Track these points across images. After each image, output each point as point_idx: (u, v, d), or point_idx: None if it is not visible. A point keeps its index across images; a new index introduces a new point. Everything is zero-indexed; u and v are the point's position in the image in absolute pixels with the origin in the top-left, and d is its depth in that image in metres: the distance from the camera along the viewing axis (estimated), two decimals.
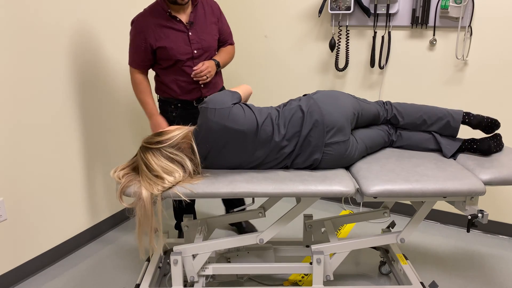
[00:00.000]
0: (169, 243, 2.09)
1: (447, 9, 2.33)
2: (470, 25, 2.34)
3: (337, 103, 1.64)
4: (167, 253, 2.10)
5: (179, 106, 2.12)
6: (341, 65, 2.75)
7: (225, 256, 1.95)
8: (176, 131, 1.61)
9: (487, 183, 1.56)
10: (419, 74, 2.56)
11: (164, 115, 2.13)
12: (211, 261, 1.83)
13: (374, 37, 2.60)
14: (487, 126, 1.77)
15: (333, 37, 2.68)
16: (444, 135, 1.81)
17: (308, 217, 2.06)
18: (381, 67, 2.64)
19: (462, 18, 2.33)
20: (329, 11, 2.57)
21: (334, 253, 1.74)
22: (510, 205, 2.48)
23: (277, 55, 2.94)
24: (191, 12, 2.02)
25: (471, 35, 2.36)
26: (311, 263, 1.74)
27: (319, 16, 2.71)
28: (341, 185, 1.52)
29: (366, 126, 1.81)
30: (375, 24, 2.57)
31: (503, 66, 2.32)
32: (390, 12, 2.50)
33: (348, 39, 2.67)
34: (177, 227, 2.50)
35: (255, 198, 1.99)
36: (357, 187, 1.55)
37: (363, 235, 2.53)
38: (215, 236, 2.47)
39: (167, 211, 2.87)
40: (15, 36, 1.94)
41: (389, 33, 2.56)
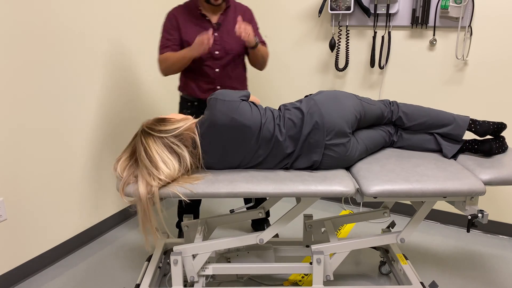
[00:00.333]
0: (169, 243, 2.10)
1: (447, 9, 2.33)
2: (470, 25, 2.34)
3: (338, 105, 1.63)
4: (167, 253, 2.10)
5: (195, 104, 2.17)
6: (341, 65, 2.75)
7: (225, 256, 1.95)
8: (181, 122, 1.61)
9: (487, 183, 1.56)
10: (419, 74, 2.56)
11: (181, 112, 2.19)
12: (211, 261, 1.82)
13: (374, 37, 2.60)
14: (494, 132, 1.74)
15: (333, 37, 2.68)
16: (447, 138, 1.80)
17: (308, 217, 2.06)
18: (381, 67, 2.64)
19: (462, 18, 2.33)
20: (329, 11, 2.57)
21: (334, 253, 1.74)
22: (510, 205, 2.48)
23: (277, 55, 2.94)
24: (221, 14, 2.08)
25: (471, 35, 2.36)
26: (311, 263, 1.74)
27: (319, 16, 2.71)
28: (341, 185, 1.52)
29: (368, 126, 1.80)
30: (375, 24, 2.57)
31: (503, 66, 2.32)
32: (390, 12, 2.50)
33: (348, 39, 2.67)
34: (178, 226, 2.50)
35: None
36: (357, 187, 1.55)
37: (363, 235, 2.53)
38: (215, 236, 2.47)
39: (170, 209, 2.88)
40: (19, 37, 1.95)
41: (389, 33, 2.56)
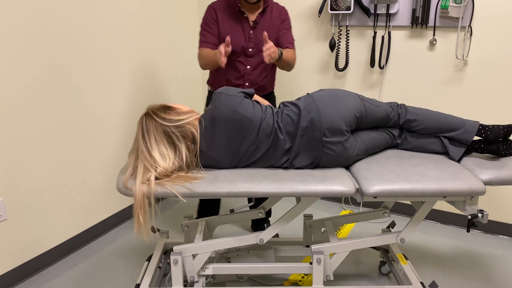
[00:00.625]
0: (169, 243, 2.10)
1: (447, 9, 2.33)
2: (470, 25, 2.34)
3: (337, 103, 1.64)
4: (167, 253, 2.10)
5: None
6: (341, 65, 2.75)
7: (225, 256, 1.95)
8: (186, 114, 1.64)
9: (487, 183, 1.56)
10: (419, 74, 2.56)
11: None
12: (211, 261, 1.82)
13: (374, 37, 2.60)
14: (504, 137, 1.70)
15: (333, 37, 2.68)
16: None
17: (308, 217, 2.06)
18: (381, 67, 2.64)
19: (462, 18, 2.33)
20: (329, 11, 2.57)
21: (334, 253, 1.74)
22: (510, 205, 2.48)
23: None
24: (259, 12, 2.14)
25: (471, 35, 2.36)
26: (311, 263, 1.74)
27: (319, 16, 2.71)
28: (341, 185, 1.52)
29: (371, 127, 1.78)
30: (375, 24, 2.57)
31: (503, 66, 2.32)
32: (390, 12, 2.50)
33: (348, 39, 2.67)
34: None
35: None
36: (357, 187, 1.55)
37: (363, 235, 2.53)
38: (215, 236, 2.47)
39: (169, 210, 2.88)
40: (19, 38, 1.95)
41: (389, 33, 2.56)
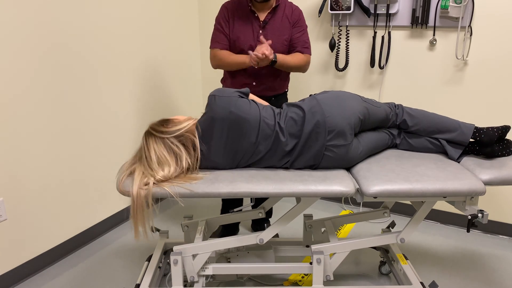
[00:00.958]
0: (169, 243, 2.10)
1: (447, 9, 2.33)
2: (470, 25, 2.34)
3: (342, 105, 1.63)
4: (167, 253, 2.10)
5: None
6: (341, 65, 2.75)
7: (225, 256, 1.95)
8: (184, 123, 1.65)
9: (487, 183, 1.56)
10: (419, 74, 2.56)
11: None
12: (211, 261, 1.82)
13: (374, 37, 2.60)
14: (499, 138, 1.71)
15: (333, 37, 2.68)
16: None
17: (308, 217, 2.06)
18: (381, 67, 2.64)
19: (462, 18, 2.33)
20: (329, 11, 2.57)
21: (334, 253, 1.74)
22: (510, 205, 2.48)
23: None
24: (269, 12, 2.11)
25: (471, 35, 2.36)
26: (311, 263, 1.74)
27: (319, 16, 2.71)
28: (341, 185, 1.52)
29: (372, 128, 1.79)
30: (375, 24, 2.57)
31: (503, 66, 2.32)
32: (390, 12, 2.50)
33: (348, 39, 2.67)
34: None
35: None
36: (357, 187, 1.55)
37: (363, 235, 2.53)
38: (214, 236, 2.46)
39: (168, 211, 2.88)
40: (24, 38, 1.95)
41: (389, 33, 2.56)
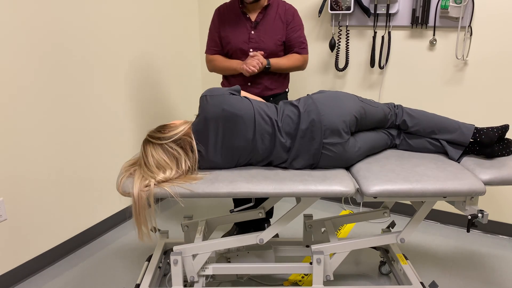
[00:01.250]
0: (169, 243, 2.10)
1: (447, 9, 2.33)
2: (470, 25, 2.34)
3: (337, 105, 1.63)
4: (167, 253, 2.10)
5: None
6: (341, 65, 2.75)
7: (225, 256, 1.95)
8: (180, 127, 1.66)
9: (487, 183, 1.56)
10: (419, 74, 2.56)
11: None
12: (211, 261, 1.82)
13: (374, 37, 2.60)
14: (499, 138, 1.71)
15: (333, 37, 2.68)
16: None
17: (308, 217, 2.06)
18: (381, 67, 2.64)
19: (462, 18, 2.33)
20: (329, 11, 2.57)
21: (334, 253, 1.74)
22: (510, 205, 2.48)
23: None
24: (260, 12, 2.08)
25: (471, 35, 2.36)
26: (311, 263, 1.74)
27: (319, 16, 2.71)
28: (341, 185, 1.52)
29: (370, 128, 1.79)
30: (375, 24, 2.57)
31: (503, 66, 2.32)
32: (390, 12, 2.50)
33: (348, 39, 2.67)
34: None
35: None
36: (357, 187, 1.55)
37: (363, 235, 2.53)
38: (215, 236, 2.47)
39: (168, 211, 2.88)
40: (22, 38, 1.95)
41: (389, 33, 2.56)
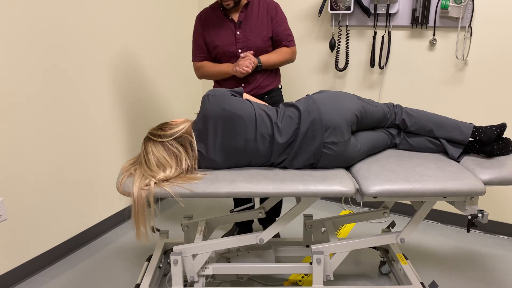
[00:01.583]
0: (169, 243, 2.10)
1: (447, 9, 2.33)
2: (470, 25, 2.34)
3: (338, 104, 1.64)
4: (167, 253, 2.10)
5: None
6: (341, 65, 2.75)
7: (225, 256, 1.95)
8: (181, 125, 1.67)
9: (487, 183, 1.56)
10: (419, 74, 2.56)
11: None
12: (211, 261, 1.82)
13: (374, 37, 2.60)
14: (498, 136, 1.71)
15: (333, 37, 2.68)
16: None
17: (308, 217, 2.06)
18: (381, 67, 2.64)
19: (462, 18, 2.33)
20: (329, 11, 2.57)
21: (334, 253, 1.74)
22: (510, 205, 2.48)
23: None
24: (241, 11, 2.06)
25: (471, 35, 2.36)
26: (311, 263, 1.74)
27: (319, 16, 2.71)
28: (341, 185, 1.52)
29: (370, 128, 1.79)
30: (375, 24, 2.57)
31: (503, 66, 2.32)
32: (390, 12, 2.50)
33: (348, 39, 2.67)
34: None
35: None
36: (357, 187, 1.55)
37: (363, 235, 2.53)
38: (215, 236, 2.47)
39: (168, 211, 2.88)
40: (24, 38, 1.95)
41: (389, 33, 2.56)
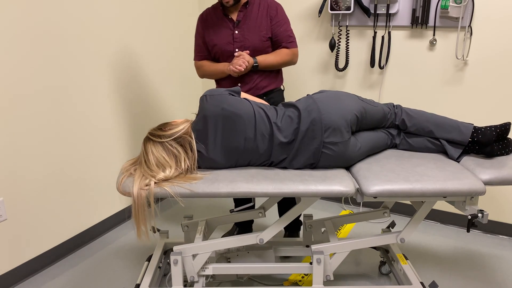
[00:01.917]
0: (169, 243, 2.10)
1: (447, 9, 2.33)
2: (470, 25, 2.34)
3: (338, 104, 1.64)
4: (167, 253, 2.10)
5: None
6: (341, 65, 2.75)
7: (225, 256, 1.95)
8: (180, 126, 1.67)
9: (487, 183, 1.56)
10: (419, 74, 2.56)
11: None
12: (211, 261, 1.82)
13: (374, 37, 2.60)
14: (498, 137, 1.70)
15: (333, 37, 2.68)
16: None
17: (308, 217, 2.06)
18: (381, 67, 2.64)
19: (462, 18, 2.33)
20: (329, 11, 2.57)
21: (334, 253, 1.74)
22: (510, 205, 2.48)
23: None
24: (240, 11, 2.06)
25: (471, 35, 2.36)
26: (311, 263, 1.74)
27: (319, 16, 2.71)
28: (341, 185, 1.52)
29: (370, 128, 1.79)
30: (375, 24, 2.57)
31: (503, 66, 2.32)
32: (390, 12, 2.50)
33: (348, 39, 2.67)
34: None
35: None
36: (357, 187, 1.55)
37: (363, 235, 2.53)
38: (215, 236, 2.47)
39: (169, 211, 2.88)
40: (24, 37, 1.95)
41: (389, 33, 2.56)
